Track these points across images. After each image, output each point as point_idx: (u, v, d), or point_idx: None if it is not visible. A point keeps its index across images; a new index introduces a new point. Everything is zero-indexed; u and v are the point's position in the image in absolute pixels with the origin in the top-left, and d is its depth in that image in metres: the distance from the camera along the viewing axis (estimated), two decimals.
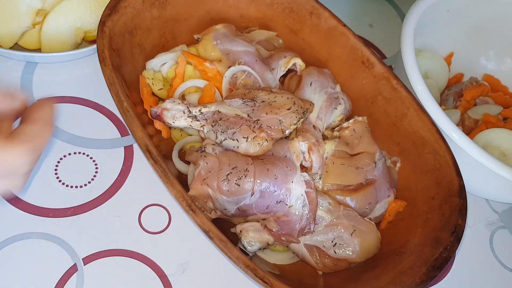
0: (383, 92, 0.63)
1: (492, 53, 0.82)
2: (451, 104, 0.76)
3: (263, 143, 0.53)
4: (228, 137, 0.53)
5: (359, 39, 0.64)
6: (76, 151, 0.60)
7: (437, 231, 0.53)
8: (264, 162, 0.52)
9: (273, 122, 0.54)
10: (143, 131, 0.50)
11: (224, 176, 0.51)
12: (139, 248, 0.55)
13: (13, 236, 0.53)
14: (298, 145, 0.55)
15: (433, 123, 0.59)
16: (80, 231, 0.55)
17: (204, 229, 0.47)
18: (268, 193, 0.51)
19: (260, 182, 0.51)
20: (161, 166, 0.48)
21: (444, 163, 0.57)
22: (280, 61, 0.63)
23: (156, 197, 0.59)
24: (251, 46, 0.63)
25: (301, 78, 0.62)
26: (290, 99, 0.56)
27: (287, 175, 0.52)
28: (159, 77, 0.61)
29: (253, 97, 0.57)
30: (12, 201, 0.55)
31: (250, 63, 0.61)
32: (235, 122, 0.54)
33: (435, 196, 0.57)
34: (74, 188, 0.57)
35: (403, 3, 0.92)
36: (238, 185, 0.51)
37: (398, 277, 0.50)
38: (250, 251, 0.52)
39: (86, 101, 0.64)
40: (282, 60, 0.63)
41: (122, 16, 0.57)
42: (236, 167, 0.51)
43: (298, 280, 0.54)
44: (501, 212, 0.70)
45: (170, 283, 0.54)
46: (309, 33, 0.67)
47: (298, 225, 0.52)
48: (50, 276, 0.52)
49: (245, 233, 0.52)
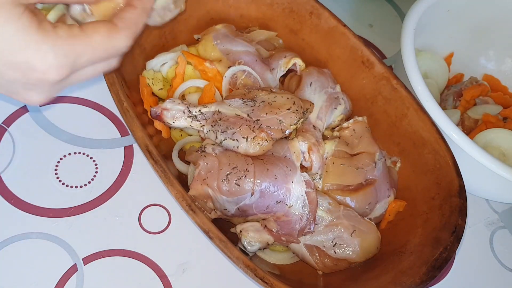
0: (383, 92, 0.63)
1: (492, 53, 0.82)
2: (451, 104, 0.76)
3: (263, 143, 0.53)
4: (228, 137, 0.53)
5: (359, 39, 0.64)
6: (76, 151, 0.60)
7: (437, 231, 0.53)
8: (264, 162, 0.52)
9: (273, 122, 0.54)
10: (143, 131, 0.50)
11: (224, 176, 0.51)
12: (139, 248, 0.55)
13: (13, 236, 0.53)
14: (298, 145, 0.55)
15: (433, 123, 0.59)
16: (80, 231, 0.55)
17: (204, 229, 0.47)
18: (268, 193, 0.51)
19: (260, 182, 0.51)
20: (161, 166, 0.48)
21: (444, 163, 0.57)
22: (280, 61, 0.63)
23: (156, 197, 0.59)
24: (251, 46, 0.63)
25: (301, 78, 0.62)
26: (290, 99, 0.56)
27: (287, 175, 0.52)
28: (159, 77, 0.61)
29: (253, 97, 0.57)
30: (12, 201, 0.55)
31: (250, 63, 0.61)
32: (235, 122, 0.54)
33: (435, 196, 0.57)
34: (74, 188, 0.57)
35: (403, 3, 0.92)
36: (238, 185, 0.51)
37: (398, 277, 0.50)
38: (250, 251, 0.52)
39: (86, 101, 0.64)
40: (282, 60, 0.63)
41: None
42: (236, 167, 0.51)
43: (298, 280, 0.54)
44: (501, 212, 0.70)
45: (170, 283, 0.54)
46: (309, 33, 0.67)
47: (298, 225, 0.52)
48: (50, 276, 0.52)
49: (245, 233, 0.52)
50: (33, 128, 0.60)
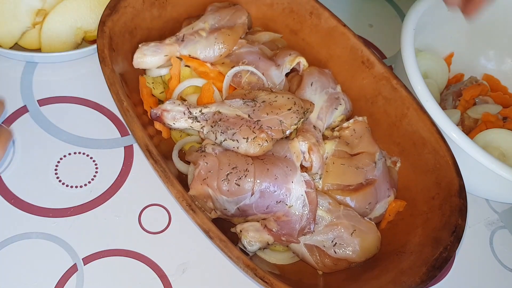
0: (383, 92, 0.63)
1: (492, 53, 0.82)
2: (451, 104, 0.76)
3: (263, 143, 0.53)
4: (228, 138, 0.53)
5: (359, 39, 0.64)
6: (76, 151, 0.60)
7: (437, 231, 0.53)
8: (264, 162, 0.52)
9: (273, 122, 0.54)
10: (143, 131, 0.50)
11: (224, 176, 0.51)
12: (139, 248, 0.55)
13: (13, 236, 0.53)
14: (298, 145, 0.55)
15: (433, 123, 0.59)
16: (80, 231, 0.55)
17: (204, 229, 0.47)
18: (268, 193, 0.51)
19: (260, 182, 0.51)
20: (161, 166, 0.48)
21: (444, 163, 0.57)
22: (285, 58, 0.63)
23: (156, 197, 0.59)
24: (254, 47, 0.63)
25: (302, 78, 0.62)
26: (291, 99, 0.56)
27: (287, 175, 0.52)
28: (159, 80, 0.61)
29: (254, 97, 0.57)
30: (12, 201, 0.55)
31: (254, 61, 0.61)
32: (235, 123, 0.54)
33: (435, 196, 0.57)
34: (74, 188, 0.57)
35: (403, 3, 0.92)
36: (238, 185, 0.51)
37: (398, 277, 0.50)
38: (250, 251, 0.52)
39: (86, 101, 0.64)
40: (287, 57, 0.63)
41: (122, 16, 0.57)
42: (236, 167, 0.51)
43: (298, 280, 0.54)
44: (501, 212, 0.70)
45: (170, 283, 0.54)
46: (309, 33, 0.67)
47: (298, 225, 0.52)
48: (50, 276, 0.52)
49: (245, 233, 0.52)
50: (33, 128, 0.60)
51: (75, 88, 0.64)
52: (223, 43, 0.61)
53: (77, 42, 0.66)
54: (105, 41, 0.54)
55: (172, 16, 0.64)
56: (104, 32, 0.54)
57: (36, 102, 0.62)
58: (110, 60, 0.53)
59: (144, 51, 0.58)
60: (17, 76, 0.64)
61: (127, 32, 0.58)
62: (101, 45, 0.53)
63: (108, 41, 0.54)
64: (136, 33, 0.60)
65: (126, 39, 0.58)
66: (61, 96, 0.63)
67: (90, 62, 0.66)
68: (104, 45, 0.53)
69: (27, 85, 0.63)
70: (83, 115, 0.63)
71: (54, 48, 0.64)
